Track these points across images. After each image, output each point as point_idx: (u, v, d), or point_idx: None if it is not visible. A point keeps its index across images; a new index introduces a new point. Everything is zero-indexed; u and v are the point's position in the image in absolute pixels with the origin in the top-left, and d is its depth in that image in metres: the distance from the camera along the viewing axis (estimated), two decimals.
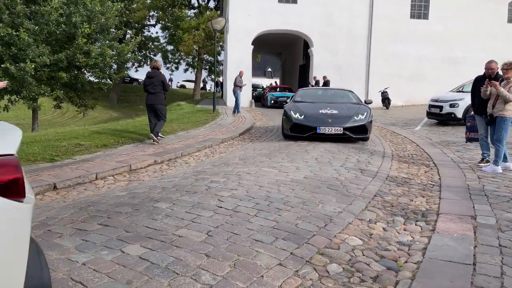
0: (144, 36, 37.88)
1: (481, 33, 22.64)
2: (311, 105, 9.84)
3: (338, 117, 9.06)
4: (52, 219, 3.55)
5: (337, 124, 8.85)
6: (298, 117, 9.21)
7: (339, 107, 9.55)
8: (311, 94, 11.27)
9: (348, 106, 9.75)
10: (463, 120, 12.36)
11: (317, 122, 8.96)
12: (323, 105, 9.64)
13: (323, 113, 9.19)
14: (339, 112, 9.25)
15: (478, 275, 2.68)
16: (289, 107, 9.83)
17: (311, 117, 9.13)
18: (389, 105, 20.87)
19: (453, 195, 4.79)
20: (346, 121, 8.94)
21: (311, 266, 2.80)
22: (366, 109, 9.41)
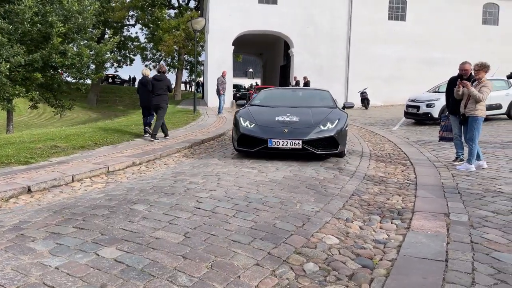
0: (124, 36, 37.41)
1: (457, 35, 23.21)
2: (268, 110, 7.64)
3: (298, 126, 6.85)
4: (25, 222, 3.47)
5: (294, 136, 6.64)
6: (248, 126, 7.03)
7: (303, 112, 7.36)
8: (276, 96, 8.95)
9: (316, 111, 7.48)
10: (439, 119, 12.66)
11: (269, 133, 6.76)
12: (283, 110, 7.44)
13: (280, 121, 6.99)
14: (301, 119, 7.04)
15: (450, 271, 2.74)
16: (241, 113, 7.58)
17: (262, 126, 6.94)
18: (368, 105, 21.18)
19: (428, 193, 4.89)
20: (307, 131, 6.72)
21: (288, 266, 2.82)
22: (339, 115, 7.26)
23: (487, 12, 24.24)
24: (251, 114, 7.39)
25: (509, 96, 13.17)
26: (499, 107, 13.07)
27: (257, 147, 6.76)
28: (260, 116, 7.31)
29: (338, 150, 6.82)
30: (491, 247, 3.17)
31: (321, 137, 6.70)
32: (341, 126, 6.95)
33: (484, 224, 3.72)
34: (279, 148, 6.60)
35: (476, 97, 6.11)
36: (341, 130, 6.88)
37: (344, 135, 6.99)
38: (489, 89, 6.15)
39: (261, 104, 8.16)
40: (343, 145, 6.96)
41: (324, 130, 6.79)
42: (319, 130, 6.76)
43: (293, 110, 7.42)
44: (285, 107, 7.69)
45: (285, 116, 7.14)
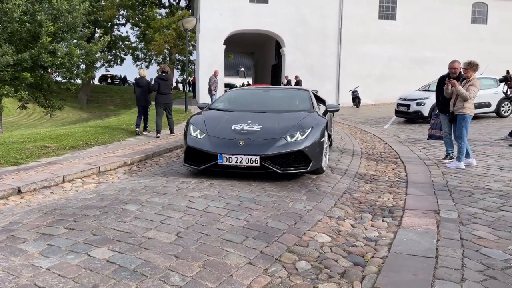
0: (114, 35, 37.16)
1: (446, 34, 23.43)
2: (227, 116, 6.12)
3: (258, 137, 5.33)
4: (16, 224, 3.44)
5: (251, 150, 5.13)
6: (197, 136, 5.59)
7: (269, 119, 5.85)
8: (243, 98, 7.39)
9: (286, 117, 5.93)
10: (429, 118, 12.78)
11: (221, 146, 5.29)
12: (244, 116, 5.95)
13: (236, 131, 5.48)
14: (264, 128, 5.52)
15: (440, 267, 2.78)
16: (193, 119, 6.14)
17: (214, 138, 5.45)
18: (359, 104, 21.29)
19: (419, 191, 4.94)
20: (269, 144, 5.19)
21: (280, 264, 2.84)
22: (314, 123, 5.69)
23: (476, 11, 24.51)
24: (204, 121, 5.90)
25: (498, 94, 13.33)
26: (488, 105, 13.23)
27: (206, 163, 5.27)
28: (214, 124, 5.77)
29: (309, 168, 5.22)
30: (481, 243, 3.22)
31: (286, 152, 5.12)
32: (315, 136, 5.36)
33: (473, 221, 3.77)
34: (232, 166, 5.10)
35: (463, 95, 6.18)
36: (315, 142, 5.32)
37: (319, 148, 5.43)
38: (477, 88, 6.22)
39: (222, 108, 6.61)
40: (318, 161, 5.42)
41: (291, 142, 5.22)
42: (284, 143, 5.20)
43: (258, 116, 5.90)
44: (248, 112, 6.14)
45: (245, 124, 5.60)
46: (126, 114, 18.75)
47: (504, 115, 13.64)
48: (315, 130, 5.48)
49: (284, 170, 5.15)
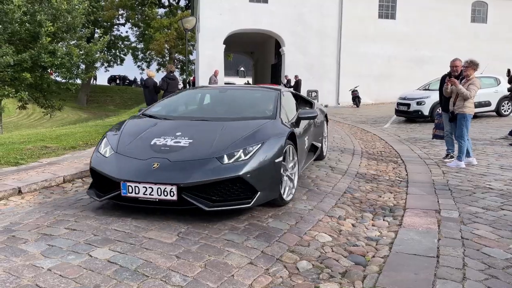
0: (114, 35, 37.16)
1: (446, 33, 23.43)
2: (155, 124, 4.54)
3: (181, 156, 3.80)
4: (16, 224, 3.44)
5: (166, 177, 3.59)
6: (105, 154, 4.07)
7: (208, 129, 4.29)
8: (190, 99, 5.82)
9: (232, 127, 4.31)
10: (429, 117, 12.79)
11: (128, 169, 3.76)
12: (175, 126, 4.42)
13: (156, 147, 3.98)
14: (195, 143, 3.99)
15: (441, 267, 2.78)
16: (113, 129, 4.67)
17: (122, 157, 3.94)
18: (359, 104, 21.29)
19: (419, 190, 4.94)
20: (194, 167, 3.65)
21: (282, 264, 2.84)
22: (270, 135, 4.08)
23: (476, 10, 24.51)
24: (122, 132, 4.37)
25: (498, 93, 13.34)
26: (488, 104, 13.23)
27: (108, 193, 3.74)
28: (130, 136, 4.24)
29: (252, 203, 3.61)
30: (482, 242, 3.22)
31: (217, 179, 3.53)
32: (266, 155, 3.78)
33: (474, 220, 3.77)
34: (139, 200, 3.56)
35: (463, 94, 6.18)
36: (264, 164, 3.73)
37: (272, 172, 3.82)
38: (477, 87, 6.22)
39: (155, 114, 4.95)
40: (271, 190, 3.84)
41: (227, 165, 3.62)
42: (216, 166, 3.60)
43: (194, 126, 4.37)
44: (184, 120, 4.64)
45: (171, 137, 4.07)
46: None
47: (504, 114, 13.64)
48: (267, 147, 3.84)
49: (214, 207, 3.49)
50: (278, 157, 3.91)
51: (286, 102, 5.27)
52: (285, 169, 4.17)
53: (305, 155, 5.29)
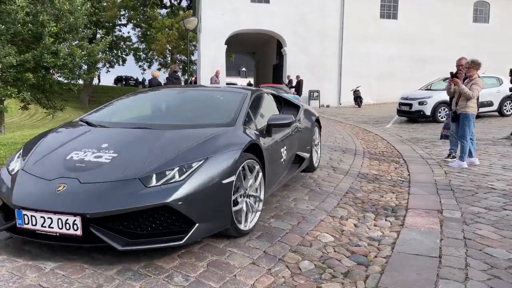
0: (115, 35, 37.23)
1: (448, 33, 23.39)
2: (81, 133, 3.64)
3: (95, 177, 2.86)
4: None
5: (70, 205, 2.66)
6: (9, 172, 3.16)
7: (142, 140, 3.36)
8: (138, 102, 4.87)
9: (175, 137, 3.40)
10: (431, 117, 12.78)
11: (27, 194, 2.83)
12: (103, 136, 3.56)
13: (69, 163, 3.03)
14: (119, 158, 3.05)
15: (444, 267, 2.78)
16: (34, 139, 3.69)
17: (26, 176, 3.01)
18: (361, 104, 21.28)
19: (421, 190, 4.94)
20: (109, 191, 2.74)
21: (284, 264, 2.84)
22: (220, 147, 3.18)
23: (478, 10, 24.47)
24: (40, 143, 3.48)
25: (500, 93, 13.31)
26: (490, 104, 13.20)
27: (4, 222, 2.90)
28: (46, 148, 3.35)
29: (184, 240, 2.74)
30: (484, 243, 3.21)
31: (135, 209, 2.67)
32: (209, 175, 2.91)
33: (476, 220, 3.76)
34: (37, 233, 2.70)
35: (466, 94, 6.17)
36: (207, 186, 2.87)
37: (219, 197, 2.96)
38: (479, 87, 6.21)
39: (93, 120, 3.96)
40: (217, 220, 2.98)
41: (153, 188, 2.75)
42: (136, 190, 2.74)
43: (127, 135, 3.47)
44: (121, 128, 3.71)
45: (93, 149, 3.17)
46: None
47: (506, 114, 13.61)
48: (213, 163, 2.95)
49: (131, 245, 2.64)
50: (228, 176, 2.97)
51: (259, 106, 4.51)
52: (243, 190, 3.25)
53: (282, 169, 4.31)
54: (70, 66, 15.19)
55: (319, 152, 6.14)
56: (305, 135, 5.31)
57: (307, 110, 5.91)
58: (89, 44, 16.80)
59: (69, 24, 15.08)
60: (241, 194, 3.24)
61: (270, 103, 5.00)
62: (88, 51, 16.14)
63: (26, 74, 13.94)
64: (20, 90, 14.79)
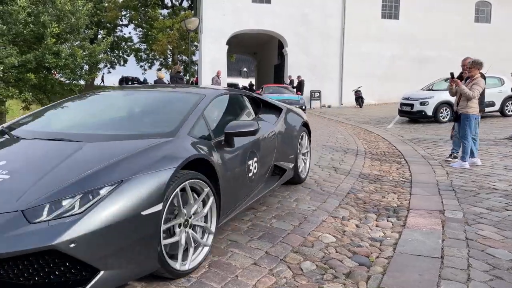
0: (117, 36, 37.26)
1: (450, 33, 23.35)
2: None
3: None
4: None
5: None
6: None
7: (46, 157, 2.61)
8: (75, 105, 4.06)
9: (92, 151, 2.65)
10: (432, 117, 12.76)
11: None
12: (8, 150, 2.86)
13: None
14: (8, 182, 2.30)
15: (446, 267, 2.77)
16: None
17: None
18: (362, 104, 21.26)
19: (423, 191, 4.93)
20: None
21: (285, 265, 2.83)
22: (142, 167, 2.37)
23: (479, 10, 24.43)
24: None
25: (502, 94, 13.28)
26: (492, 105, 13.17)
27: None
28: None
29: None
30: (486, 243, 3.20)
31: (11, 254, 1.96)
32: (121, 204, 2.18)
33: (478, 220, 3.75)
34: None
35: (465, 95, 6.16)
36: (116, 220, 2.14)
37: (133, 233, 2.23)
38: (480, 87, 6.19)
39: (15, 129, 3.29)
40: (129, 265, 2.26)
41: (38, 225, 2.03)
42: (15, 227, 2.02)
43: (32, 150, 2.84)
44: (33, 139, 2.99)
45: None
46: None
47: (508, 114, 13.58)
48: (129, 187, 2.26)
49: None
50: (152, 205, 2.29)
51: (223, 111, 3.90)
52: (183, 218, 2.58)
53: (250, 186, 3.58)
54: (71, 66, 15.21)
55: (308, 161, 5.34)
56: (287, 143, 4.56)
57: (292, 114, 5.04)
58: (90, 44, 16.82)
59: (70, 25, 15.10)
60: (180, 223, 2.56)
61: (242, 106, 4.29)
62: (89, 52, 16.16)
63: (28, 75, 13.96)
64: (22, 91, 14.81)
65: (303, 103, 16.28)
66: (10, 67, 13.37)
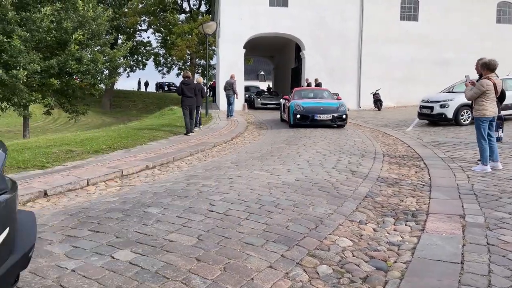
0: (136, 41, 37.83)
1: (470, 34, 22.87)
2: None
3: None
4: (42, 226, 3.54)
5: None
6: None
7: None
8: None
9: None
10: (453, 120, 12.51)
11: None
12: None
13: None
14: None
15: (466, 273, 2.71)
16: None
17: None
18: (381, 107, 21.01)
19: (443, 194, 4.83)
20: None
21: (301, 268, 2.82)
22: None
23: (501, 10, 23.86)
24: None
25: None
26: None
27: None
28: None
29: None
30: (508, 248, 3.12)
31: None
32: None
33: (500, 225, 3.66)
34: None
35: (466, 95, 6.14)
36: None
37: None
38: (478, 89, 6.05)
39: None
40: None
41: None
42: None
43: None
44: None
45: None
46: (148, 119, 19.03)
47: None
48: None
49: None
50: None
51: None
52: None
53: None
54: (92, 71, 15.55)
55: None
56: None
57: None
58: (110, 49, 17.14)
59: (92, 31, 15.44)
60: None
61: None
62: (110, 57, 16.48)
63: (51, 80, 14.34)
64: (45, 96, 15.21)
65: (343, 111, 12.75)
66: (33, 72, 13.74)
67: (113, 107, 35.89)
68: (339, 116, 12.54)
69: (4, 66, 13.53)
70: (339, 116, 12.54)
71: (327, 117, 12.45)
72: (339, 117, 12.52)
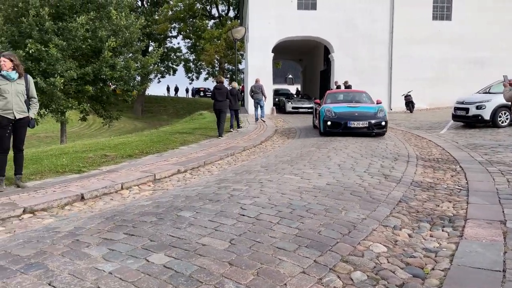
0: (166, 47, 38.61)
1: (506, 33, 22.03)
2: None
3: None
4: (80, 229, 3.65)
5: None
6: None
7: None
8: None
9: None
10: (490, 122, 12.06)
11: None
12: None
13: None
14: None
15: (508, 281, 2.59)
16: None
17: None
18: (413, 109, 20.54)
19: (481, 199, 4.66)
20: None
21: (335, 274, 2.78)
22: None
23: None
24: None
25: None
26: None
27: None
28: None
29: None
30: None
31: None
32: None
33: None
34: None
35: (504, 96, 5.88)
36: None
37: None
38: None
39: None
40: None
41: None
42: None
43: None
44: None
45: None
46: (178, 123, 19.35)
47: None
48: None
49: None
50: None
51: None
52: None
53: None
54: (125, 78, 15.98)
55: None
56: None
57: None
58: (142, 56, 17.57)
59: (125, 39, 15.89)
60: None
61: None
62: (142, 63, 16.89)
63: (86, 87, 14.85)
64: (80, 102, 15.76)
65: (382, 117, 10.98)
66: (70, 80, 14.27)
67: (144, 113, 36.74)
68: (377, 123, 10.79)
69: (43, 74, 14.12)
70: (377, 123, 10.79)
71: (363, 124, 10.79)
72: (377, 124, 10.76)
